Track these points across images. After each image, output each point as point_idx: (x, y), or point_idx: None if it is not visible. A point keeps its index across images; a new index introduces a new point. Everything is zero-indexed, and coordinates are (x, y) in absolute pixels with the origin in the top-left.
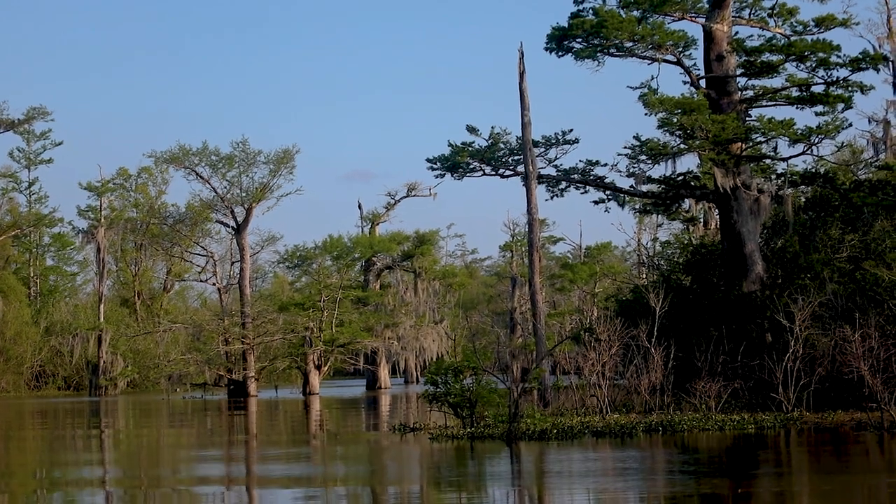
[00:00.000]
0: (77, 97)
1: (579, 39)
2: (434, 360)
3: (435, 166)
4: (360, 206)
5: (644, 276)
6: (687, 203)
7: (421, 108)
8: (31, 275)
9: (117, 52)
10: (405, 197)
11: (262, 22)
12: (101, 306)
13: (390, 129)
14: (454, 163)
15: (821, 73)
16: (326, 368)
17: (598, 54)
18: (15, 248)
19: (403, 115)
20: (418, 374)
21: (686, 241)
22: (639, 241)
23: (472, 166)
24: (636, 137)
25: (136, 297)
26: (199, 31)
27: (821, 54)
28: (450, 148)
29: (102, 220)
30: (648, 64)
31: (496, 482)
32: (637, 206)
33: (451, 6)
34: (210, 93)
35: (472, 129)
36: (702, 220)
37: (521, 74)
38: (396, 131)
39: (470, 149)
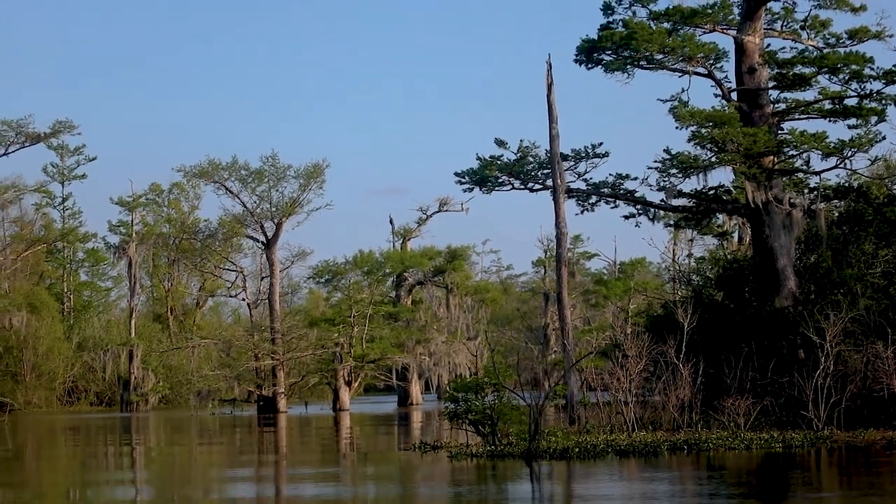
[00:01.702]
0: (104, 110)
1: (609, 51)
2: (469, 376)
3: (463, 180)
4: (391, 222)
5: (677, 291)
6: (720, 218)
7: (452, 123)
8: (65, 290)
9: (137, 62)
10: (437, 212)
11: (293, 38)
12: (133, 322)
13: (422, 143)
14: (482, 176)
15: (854, 85)
16: (357, 384)
17: (628, 66)
18: (49, 264)
19: (435, 129)
20: None
21: (718, 257)
22: (673, 256)
23: (500, 180)
24: (667, 151)
25: (169, 312)
26: (230, 45)
27: (854, 67)
28: (478, 161)
29: (134, 235)
30: (679, 76)
31: None
32: (669, 221)
33: (480, 19)
34: (238, 107)
35: (500, 143)
36: (736, 235)
37: (550, 86)
38: (428, 146)
39: (498, 162)
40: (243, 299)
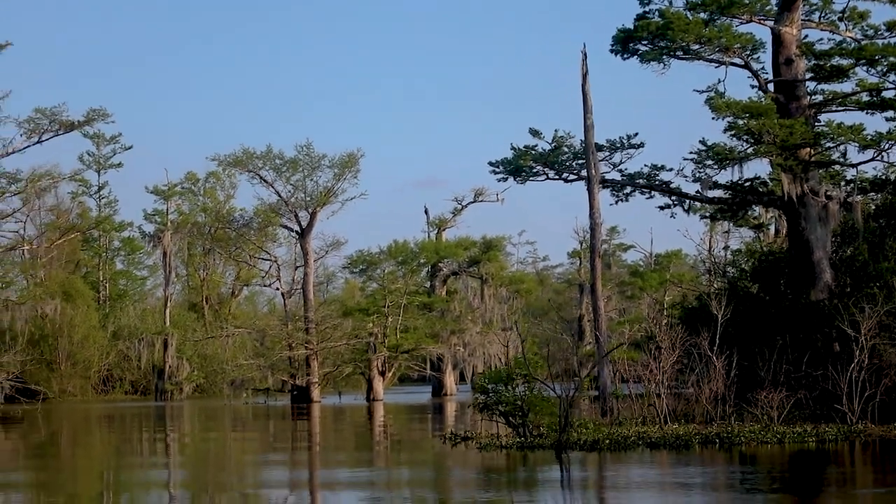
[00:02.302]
0: (138, 98)
1: (645, 41)
2: (503, 367)
3: (497, 170)
4: (426, 212)
5: (712, 283)
6: (756, 210)
7: (487, 113)
8: (101, 279)
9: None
10: (472, 202)
11: (326, 28)
12: (168, 311)
13: (457, 134)
14: (517, 166)
15: (892, 77)
16: (391, 375)
17: (664, 57)
18: (85, 253)
19: (470, 120)
20: None
21: (754, 249)
22: (710, 248)
23: (535, 170)
24: (702, 142)
25: (204, 301)
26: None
27: (892, 59)
28: (512, 151)
29: (169, 224)
30: (715, 67)
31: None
32: (704, 213)
33: (515, 9)
34: (273, 97)
35: (534, 133)
36: (773, 227)
37: (584, 76)
38: (463, 137)
39: (533, 152)
40: (277, 289)
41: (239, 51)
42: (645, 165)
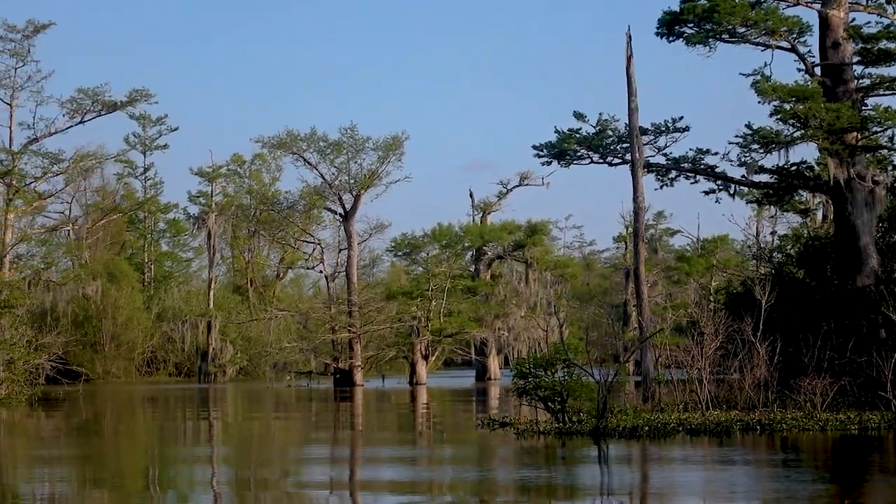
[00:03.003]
0: (183, 79)
1: (691, 24)
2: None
3: (542, 153)
4: (471, 195)
5: (759, 268)
6: (803, 195)
7: (533, 97)
8: (146, 260)
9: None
10: (517, 186)
11: (373, 9)
12: (212, 293)
13: (504, 118)
14: (561, 150)
15: None
16: (434, 358)
17: (710, 40)
18: (130, 234)
19: (518, 103)
20: None
21: (800, 234)
22: (757, 233)
23: (579, 153)
24: (748, 126)
25: (249, 284)
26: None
27: None
28: (556, 135)
29: (213, 206)
30: (762, 50)
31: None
32: (751, 198)
33: None
34: (318, 79)
35: (579, 116)
36: (820, 212)
37: (629, 59)
38: (510, 120)
39: (577, 136)
40: (321, 272)
41: (286, 33)
42: (690, 149)
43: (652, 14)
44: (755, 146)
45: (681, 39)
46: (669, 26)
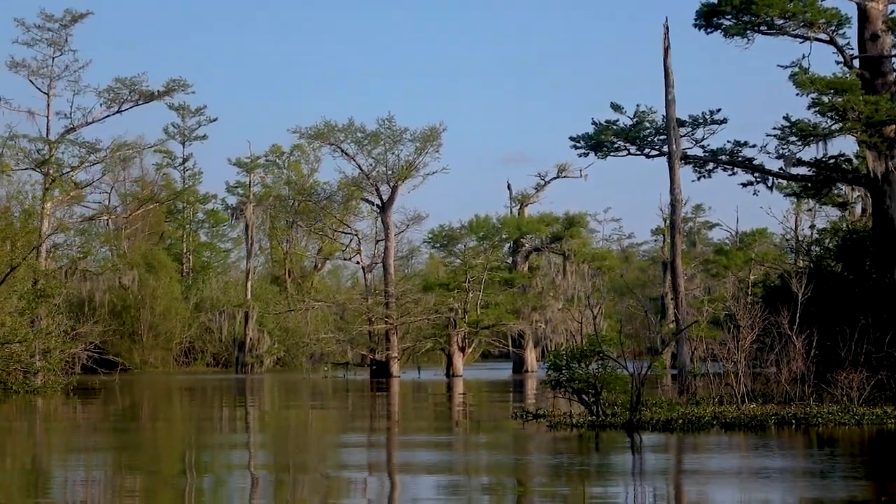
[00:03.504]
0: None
1: (728, 16)
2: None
3: (578, 145)
4: (509, 187)
5: (797, 262)
6: (842, 188)
7: (571, 89)
8: (185, 251)
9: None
10: (555, 178)
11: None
12: (249, 283)
13: (542, 110)
14: (598, 141)
15: None
16: (471, 350)
17: (748, 31)
18: (169, 224)
19: (555, 95)
20: None
21: (838, 227)
22: (796, 226)
23: (616, 145)
24: (786, 118)
25: (287, 275)
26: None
27: None
28: (593, 126)
29: (251, 196)
30: (800, 42)
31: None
32: (790, 190)
33: None
34: (357, 70)
35: (616, 107)
36: (859, 206)
37: (666, 50)
38: (549, 113)
39: (614, 127)
40: (358, 263)
41: (326, 23)
42: (728, 141)
43: (690, 5)
44: (793, 139)
45: (719, 31)
46: (707, 18)
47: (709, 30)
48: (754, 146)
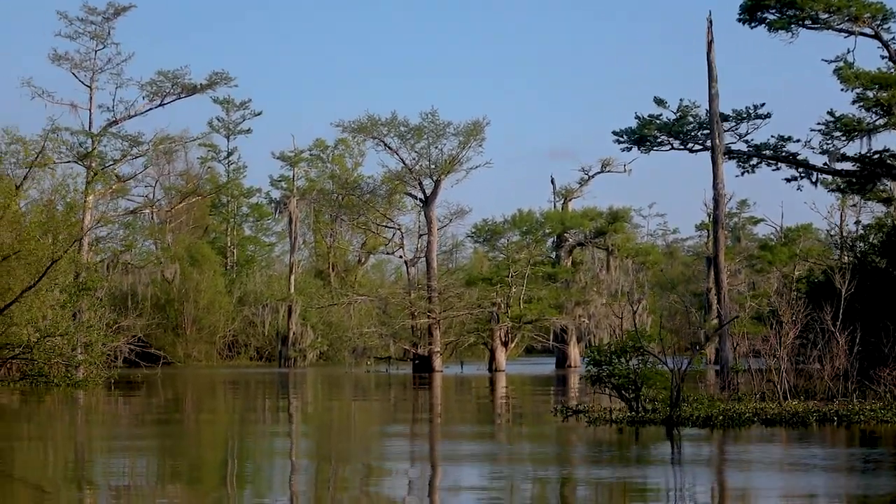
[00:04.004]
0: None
1: (773, 10)
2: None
3: (622, 139)
4: (552, 182)
5: (842, 258)
6: (887, 183)
7: (614, 84)
8: (229, 244)
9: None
10: (599, 173)
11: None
12: (293, 277)
13: (586, 105)
14: (641, 135)
15: None
16: (514, 345)
17: (792, 25)
18: (213, 218)
19: (598, 91)
20: None
21: (883, 223)
22: (841, 222)
23: (659, 139)
24: (830, 113)
25: (331, 269)
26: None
27: None
28: (637, 121)
29: (295, 190)
30: (845, 37)
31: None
32: (835, 186)
33: None
34: (401, 64)
35: (659, 102)
36: None
37: (710, 44)
38: (593, 108)
39: (657, 122)
40: (401, 257)
41: (368, 17)
42: (771, 136)
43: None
44: (837, 133)
45: (763, 25)
46: (751, 12)
47: (753, 24)
48: (798, 141)
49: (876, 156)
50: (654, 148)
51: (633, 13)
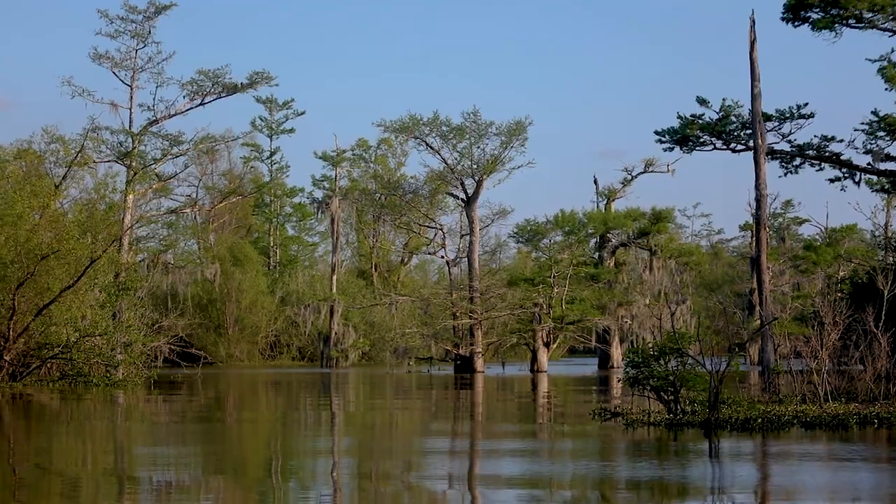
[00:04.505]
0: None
1: (817, 9)
2: None
3: (664, 139)
4: (595, 182)
5: (888, 259)
6: None
7: (658, 84)
8: (271, 244)
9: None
10: (642, 173)
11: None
12: (335, 277)
13: (630, 106)
14: (683, 135)
15: None
16: (556, 346)
17: (836, 25)
18: (256, 218)
19: (642, 91)
20: None
21: None
22: (886, 222)
23: (701, 139)
24: (874, 113)
25: (374, 269)
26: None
27: None
28: (679, 120)
29: (337, 190)
30: (889, 36)
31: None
32: (881, 186)
33: None
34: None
35: (702, 101)
36: None
37: (752, 43)
38: (637, 108)
39: (700, 121)
40: (443, 257)
41: (414, 16)
42: (815, 136)
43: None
44: (881, 133)
45: (806, 24)
46: (795, 11)
47: (796, 23)
48: (841, 141)
49: None
50: (697, 148)
51: (676, 12)
